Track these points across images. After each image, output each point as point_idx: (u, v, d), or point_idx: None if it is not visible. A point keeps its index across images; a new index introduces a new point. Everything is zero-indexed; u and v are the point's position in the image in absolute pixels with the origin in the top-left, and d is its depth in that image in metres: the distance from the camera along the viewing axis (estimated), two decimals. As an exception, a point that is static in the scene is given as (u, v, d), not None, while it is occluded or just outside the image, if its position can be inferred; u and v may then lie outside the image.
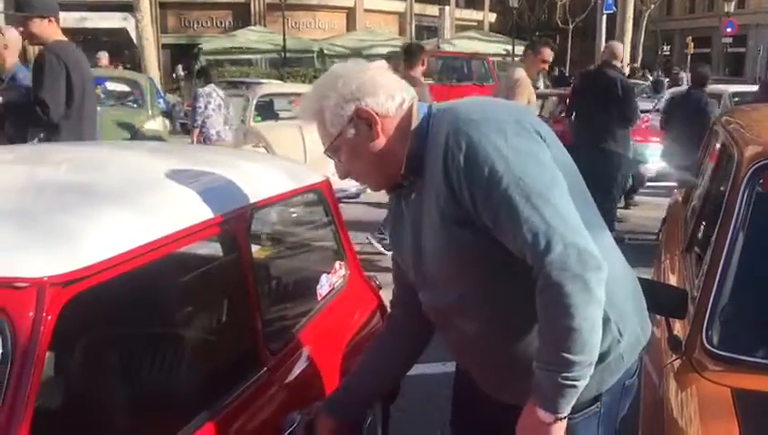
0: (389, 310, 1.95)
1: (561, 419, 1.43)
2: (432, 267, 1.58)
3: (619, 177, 6.34)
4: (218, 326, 2.25)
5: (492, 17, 38.42)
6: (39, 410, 1.27)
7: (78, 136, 3.73)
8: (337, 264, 2.59)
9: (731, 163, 2.38)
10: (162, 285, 1.95)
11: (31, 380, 1.25)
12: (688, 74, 13.57)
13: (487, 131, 1.44)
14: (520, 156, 1.41)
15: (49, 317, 1.27)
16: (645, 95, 12.74)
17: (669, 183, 5.65)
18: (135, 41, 19.75)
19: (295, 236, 3.05)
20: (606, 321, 1.48)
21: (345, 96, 1.55)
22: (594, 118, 6.10)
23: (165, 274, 1.84)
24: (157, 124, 9.61)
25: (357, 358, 2.00)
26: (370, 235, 6.04)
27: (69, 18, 4.46)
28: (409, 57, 5.85)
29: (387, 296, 2.66)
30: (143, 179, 1.75)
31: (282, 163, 2.66)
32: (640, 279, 1.79)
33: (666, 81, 15.43)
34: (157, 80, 15.37)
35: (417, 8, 31.37)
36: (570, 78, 15.10)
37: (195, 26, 29.40)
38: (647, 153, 8.77)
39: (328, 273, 2.51)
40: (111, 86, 10.16)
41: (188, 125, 8.54)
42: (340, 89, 1.56)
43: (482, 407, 1.72)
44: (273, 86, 11.93)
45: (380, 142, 1.57)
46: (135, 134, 8.47)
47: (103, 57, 12.22)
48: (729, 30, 30.03)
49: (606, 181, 5.94)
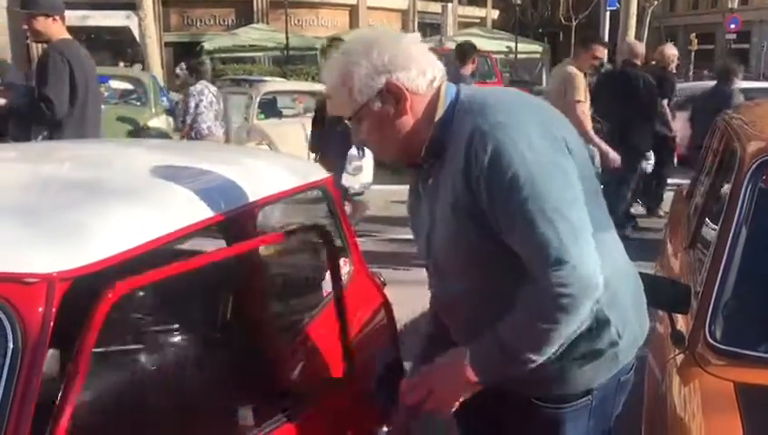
0: None
1: (474, 382, 1.49)
2: (440, 256, 1.59)
3: (635, 175, 6.36)
4: (225, 322, 2.27)
5: (495, 14, 38.37)
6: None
7: (81, 134, 3.75)
8: (341, 260, 2.60)
9: (734, 159, 2.38)
10: (168, 281, 1.97)
11: (38, 373, 1.27)
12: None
13: (514, 136, 1.41)
14: (544, 167, 1.41)
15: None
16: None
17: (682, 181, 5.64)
18: (138, 39, 19.79)
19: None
20: (605, 323, 1.52)
21: (377, 67, 1.49)
22: (615, 116, 6.11)
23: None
24: (160, 122, 9.63)
25: (360, 355, 2.00)
26: None
27: (72, 16, 4.50)
28: (462, 56, 6.29)
29: (391, 293, 2.67)
30: (149, 176, 1.76)
31: (286, 160, 2.67)
32: (643, 274, 1.80)
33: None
34: (160, 78, 15.39)
35: (419, 5, 31.31)
36: None
37: (197, 24, 29.39)
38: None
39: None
40: (115, 84, 10.19)
41: (176, 121, 8.47)
42: (373, 58, 1.49)
43: (487, 397, 1.74)
44: (276, 84, 11.92)
45: (406, 120, 1.53)
46: (139, 132, 8.49)
47: None
48: (733, 26, 29.98)
49: (623, 176, 5.98)
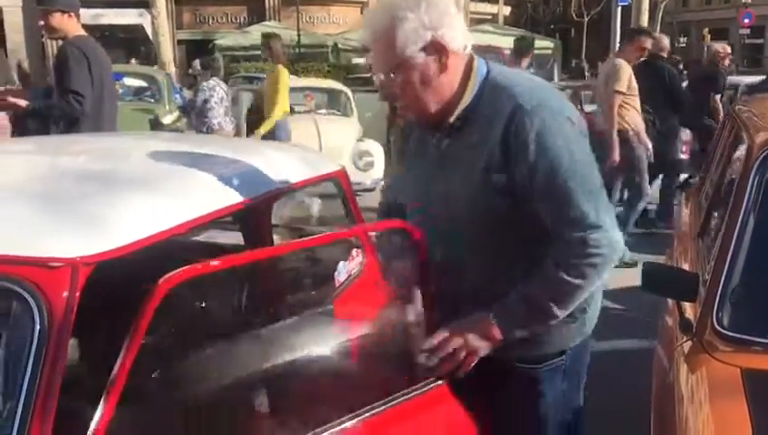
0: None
1: (498, 340, 1.58)
2: (455, 213, 1.63)
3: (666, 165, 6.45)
4: (240, 308, 2.31)
5: (506, 10, 38.26)
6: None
7: (98, 129, 3.81)
8: (354, 251, 2.64)
9: (742, 150, 2.41)
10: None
11: (64, 354, 1.32)
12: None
13: (556, 118, 1.57)
14: (578, 154, 1.58)
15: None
16: None
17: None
18: (151, 37, 19.91)
19: (313, 223, 3.11)
20: None
21: (425, 22, 1.55)
22: (643, 108, 6.06)
23: (190, 257, 1.89)
24: (174, 118, 9.72)
25: (371, 344, 2.03)
26: None
27: (85, 15, 4.57)
28: (520, 50, 6.77)
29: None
30: (168, 166, 1.82)
31: (300, 152, 2.72)
32: (652, 264, 1.84)
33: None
34: (173, 75, 15.49)
35: (431, 2, 31.31)
36: (585, 71, 14.96)
37: (210, 22, 29.52)
38: None
39: (345, 260, 2.57)
40: (129, 81, 10.28)
41: (185, 112, 8.69)
42: (421, 13, 1.55)
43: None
44: (288, 81, 11.96)
45: (445, 78, 1.61)
46: (154, 127, 8.58)
47: None
48: (747, 21, 29.78)
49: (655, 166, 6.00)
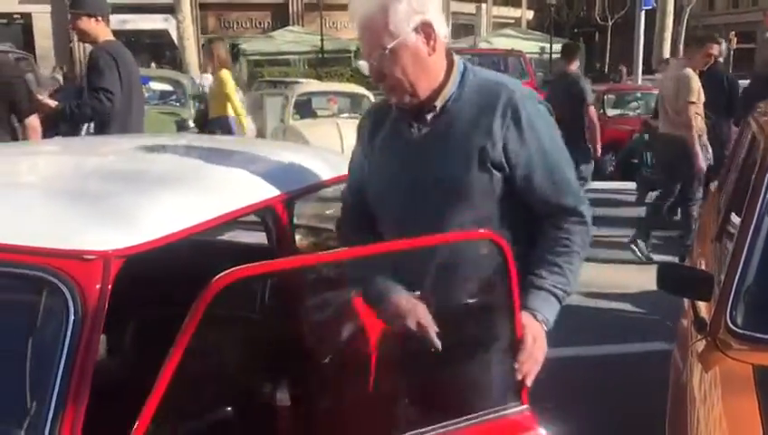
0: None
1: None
2: (437, 197, 1.70)
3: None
4: (262, 307, 2.37)
5: (530, 14, 38.18)
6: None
7: (126, 131, 3.90)
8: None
9: (758, 153, 2.43)
10: (211, 264, 2.08)
11: (96, 345, 1.37)
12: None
13: (540, 109, 1.76)
14: (557, 136, 1.79)
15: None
16: None
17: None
18: (176, 42, 20.16)
19: (333, 223, 3.16)
20: None
21: (415, 6, 1.65)
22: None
23: (215, 253, 1.96)
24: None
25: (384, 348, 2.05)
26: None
27: (112, 20, 4.65)
28: (569, 53, 7.30)
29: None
30: (195, 165, 1.89)
31: (322, 154, 2.77)
32: (668, 264, 1.87)
33: None
34: (198, 79, 15.66)
35: (453, 6, 31.28)
36: (609, 75, 14.82)
37: (234, 27, 29.78)
38: None
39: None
40: (155, 85, 10.44)
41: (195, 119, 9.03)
42: None
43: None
44: (311, 85, 12.10)
45: (434, 60, 1.70)
46: (180, 130, 8.73)
47: None
48: (774, 24, 29.34)
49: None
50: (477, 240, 1.64)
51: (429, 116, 1.74)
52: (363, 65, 1.76)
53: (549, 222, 1.75)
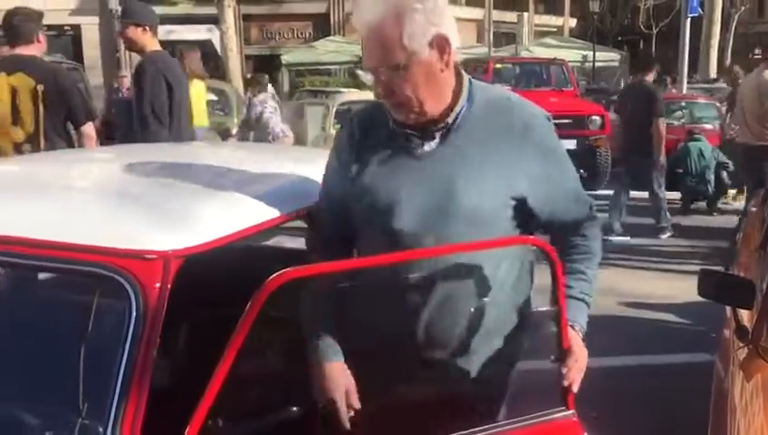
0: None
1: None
2: (459, 223, 1.59)
3: None
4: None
5: (572, 22, 37.84)
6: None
7: (177, 138, 4.02)
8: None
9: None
10: (257, 268, 2.15)
11: (156, 341, 1.43)
12: None
13: (551, 126, 1.73)
14: (564, 150, 1.77)
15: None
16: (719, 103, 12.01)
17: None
18: (219, 52, 20.50)
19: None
20: None
21: (431, 18, 1.52)
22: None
23: (260, 257, 2.03)
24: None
25: None
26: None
27: (158, 31, 4.80)
28: (646, 63, 7.43)
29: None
30: (247, 171, 1.97)
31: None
32: (710, 271, 1.88)
33: None
34: (241, 89, 15.93)
35: (495, 15, 31.18)
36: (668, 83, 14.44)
37: (276, 37, 30.13)
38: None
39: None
40: (200, 95, 10.63)
41: (238, 128, 9.09)
42: (428, 8, 1.51)
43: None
44: (351, 94, 12.21)
45: (447, 76, 1.59)
46: (226, 138, 8.91)
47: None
48: (825, 31, 28.61)
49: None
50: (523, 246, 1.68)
51: (438, 132, 1.63)
52: (365, 76, 1.60)
53: (567, 231, 1.76)
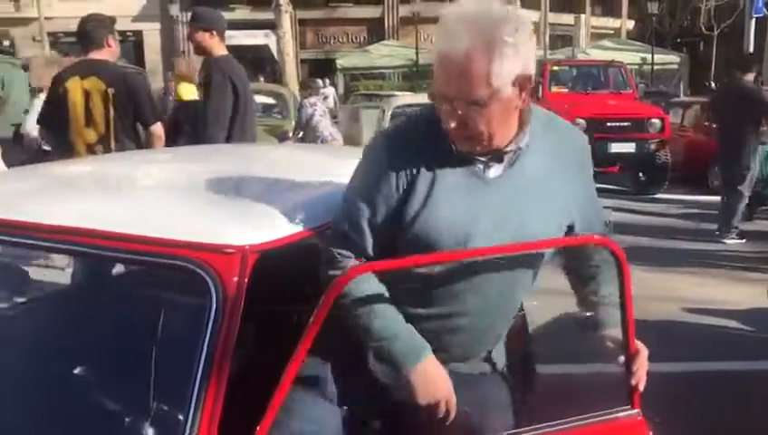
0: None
1: None
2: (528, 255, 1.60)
3: None
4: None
5: (630, 24, 37.14)
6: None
7: (243, 140, 4.11)
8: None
9: None
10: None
11: (234, 333, 1.46)
12: None
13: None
14: None
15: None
16: None
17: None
18: (276, 56, 20.81)
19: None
20: None
21: (520, 53, 1.42)
22: None
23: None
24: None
25: None
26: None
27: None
28: (746, 64, 7.56)
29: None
30: (314, 171, 2.02)
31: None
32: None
33: None
34: (297, 93, 16.15)
35: (551, 17, 30.85)
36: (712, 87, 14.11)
37: (331, 42, 30.46)
38: None
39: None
40: (259, 99, 10.84)
41: (293, 131, 9.17)
42: (519, 41, 1.41)
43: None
44: (405, 98, 12.26)
45: (519, 110, 1.51)
46: (284, 141, 9.06)
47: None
48: None
49: None
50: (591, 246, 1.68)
51: (506, 157, 1.55)
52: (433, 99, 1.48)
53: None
